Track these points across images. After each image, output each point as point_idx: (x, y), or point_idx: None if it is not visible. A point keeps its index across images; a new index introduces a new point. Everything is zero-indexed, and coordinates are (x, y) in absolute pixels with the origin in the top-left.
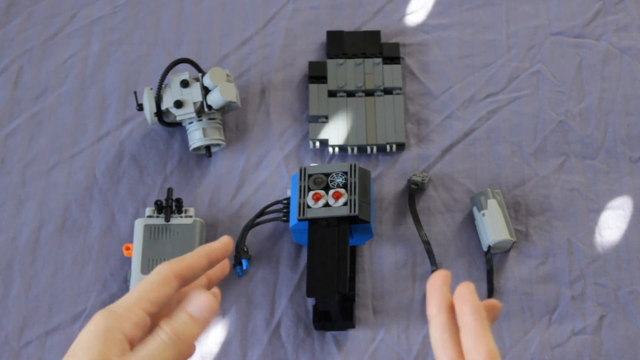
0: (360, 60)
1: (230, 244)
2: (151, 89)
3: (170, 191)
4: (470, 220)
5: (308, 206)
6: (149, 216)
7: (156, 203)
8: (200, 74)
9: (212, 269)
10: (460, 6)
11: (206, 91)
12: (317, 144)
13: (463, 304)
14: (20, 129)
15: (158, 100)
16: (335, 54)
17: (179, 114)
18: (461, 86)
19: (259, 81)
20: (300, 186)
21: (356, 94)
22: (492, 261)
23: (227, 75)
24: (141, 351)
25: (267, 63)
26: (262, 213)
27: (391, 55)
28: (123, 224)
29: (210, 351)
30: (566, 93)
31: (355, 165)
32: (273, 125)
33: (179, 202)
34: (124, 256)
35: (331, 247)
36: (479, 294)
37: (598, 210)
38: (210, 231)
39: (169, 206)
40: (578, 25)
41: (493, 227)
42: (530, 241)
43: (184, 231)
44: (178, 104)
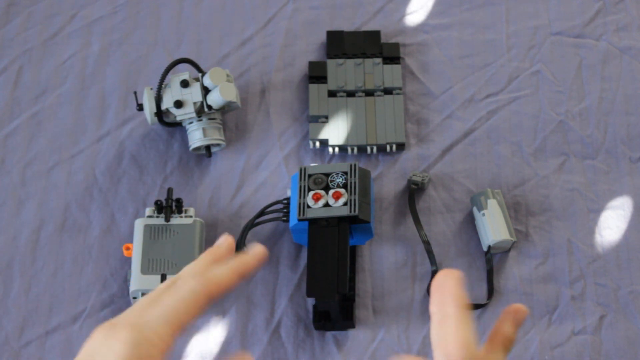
0: (360, 60)
1: (264, 254)
2: (151, 89)
3: (170, 191)
4: (470, 220)
5: (308, 206)
6: (149, 216)
7: (156, 203)
8: (200, 74)
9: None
10: (460, 6)
11: (206, 91)
12: (317, 144)
13: (444, 294)
14: (20, 129)
15: (158, 100)
16: (335, 54)
17: (179, 114)
18: (461, 86)
19: (259, 81)
20: (300, 186)
21: (356, 94)
22: (492, 261)
23: (227, 75)
24: None
25: (267, 63)
26: (262, 213)
27: (391, 55)
28: (123, 224)
29: (210, 351)
30: (566, 93)
31: (355, 165)
32: (273, 125)
33: (179, 202)
34: (124, 256)
35: (331, 247)
36: (479, 294)
37: (598, 210)
38: (210, 231)
39: (169, 206)
40: (578, 25)
41: (493, 227)
42: (530, 241)
43: (184, 231)
44: (178, 104)
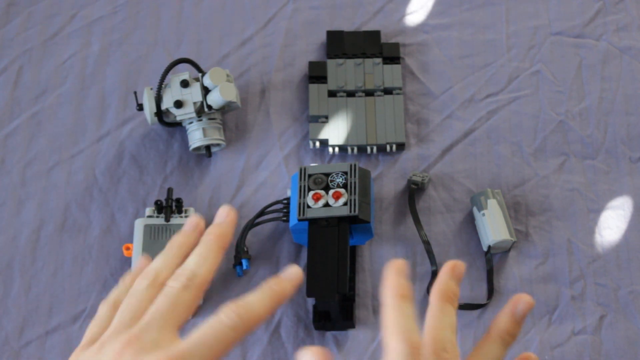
0: (360, 60)
1: (300, 276)
2: (151, 89)
3: (170, 191)
4: (470, 220)
5: (308, 206)
6: (149, 216)
7: (156, 203)
8: (200, 74)
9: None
10: (460, 6)
11: (206, 91)
12: (317, 144)
13: (385, 284)
14: (20, 129)
15: (158, 100)
16: (335, 54)
17: (179, 114)
18: (461, 86)
19: (259, 81)
20: (300, 186)
21: (356, 94)
22: (492, 261)
23: (227, 75)
24: None
25: (267, 63)
26: (262, 213)
27: (391, 55)
28: (123, 224)
29: None
30: (566, 93)
31: (355, 165)
32: (273, 125)
33: (179, 202)
34: (124, 256)
35: (331, 247)
36: (479, 294)
37: (598, 210)
38: None
39: (169, 206)
40: (578, 25)
41: (493, 227)
42: (530, 241)
43: None
44: (178, 104)
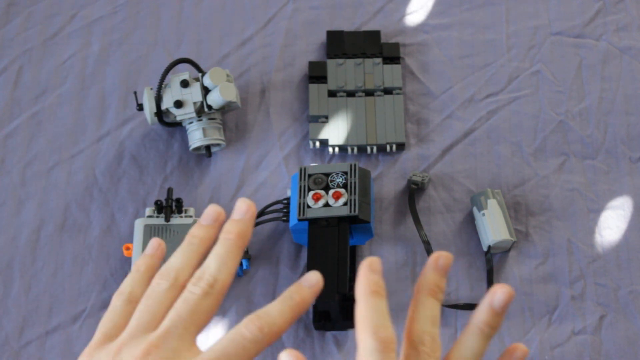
0: (360, 60)
1: (321, 283)
2: (151, 89)
3: (170, 191)
4: (470, 220)
5: (308, 206)
6: (149, 216)
7: (156, 203)
8: (200, 74)
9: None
10: (460, 6)
11: (206, 91)
12: (317, 144)
13: (357, 281)
14: (20, 129)
15: (158, 100)
16: (335, 54)
17: (179, 114)
18: (461, 86)
19: (259, 81)
20: (300, 186)
21: (356, 94)
22: (492, 261)
23: (227, 75)
24: None
25: (267, 63)
26: (262, 213)
27: (391, 55)
28: (123, 224)
29: None
30: (566, 93)
31: (355, 165)
32: (273, 125)
33: (179, 202)
34: (124, 256)
35: (331, 247)
36: (479, 294)
37: (598, 210)
38: None
39: (169, 206)
40: (578, 25)
41: (493, 227)
42: (530, 241)
43: (184, 231)
44: (178, 104)
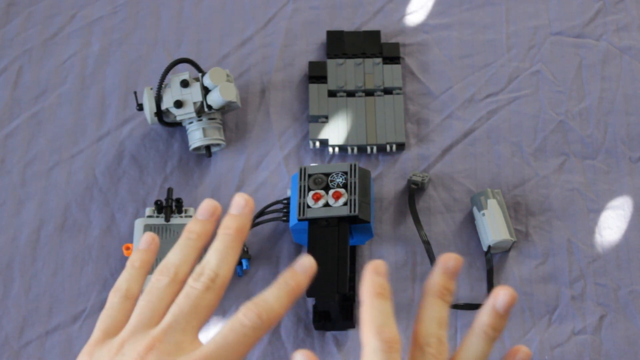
0: (360, 60)
1: (314, 267)
2: (151, 89)
3: (170, 191)
4: (470, 220)
5: (308, 206)
6: (149, 216)
7: (156, 203)
8: (200, 74)
9: None
10: (460, 6)
11: (206, 91)
12: (317, 144)
13: (362, 283)
14: (20, 129)
15: (158, 100)
16: (335, 54)
17: (179, 114)
18: (461, 86)
19: (259, 81)
20: (300, 186)
21: (356, 94)
22: (492, 261)
23: (227, 75)
24: None
25: (267, 63)
26: (262, 213)
27: (391, 55)
28: (123, 224)
29: None
30: (566, 93)
31: (355, 165)
32: (273, 125)
33: (179, 202)
34: (124, 256)
35: (331, 247)
36: (479, 294)
37: (598, 210)
38: None
39: (169, 206)
40: (578, 25)
41: (493, 227)
42: (530, 241)
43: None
44: (178, 104)
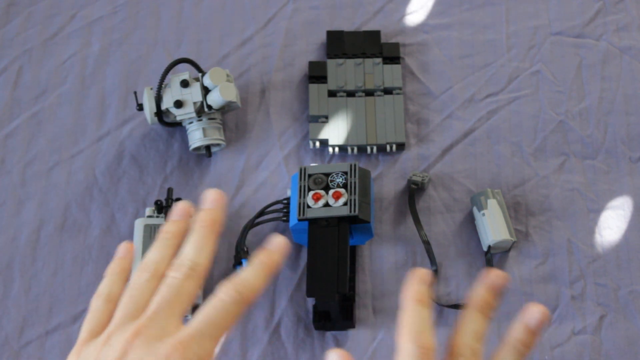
0: (360, 60)
1: (286, 245)
2: (151, 89)
3: (170, 191)
4: (470, 220)
5: (308, 206)
6: (149, 216)
7: (156, 203)
8: (200, 74)
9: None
10: (460, 6)
11: (206, 91)
12: (317, 144)
13: (405, 289)
14: (20, 129)
15: (158, 100)
16: (335, 54)
17: (179, 114)
18: (461, 86)
19: (259, 81)
20: (300, 186)
21: (356, 94)
22: (492, 261)
23: (227, 75)
24: None
25: (267, 63)
26: (262, 213)
27: (391, 55)
28: (123, 224)
29: None
30: (566, 93)
31: (355, 165)
32: (273, 125)
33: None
34: None
35: (331, 247)
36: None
37: (598, 210)
38: None
39: (169, 206)
40: (578, 25)
41: (493, 227)
42: (530, 241)
43: None
44: (178, 104)
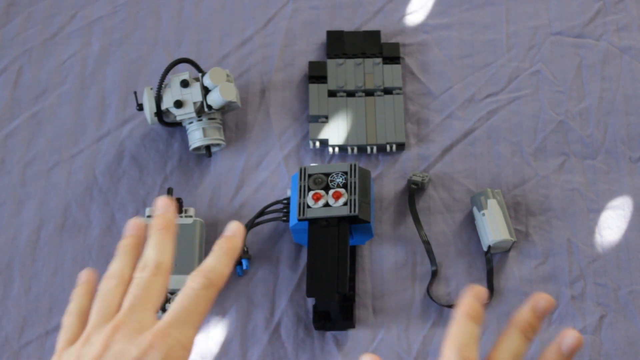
0: (360, 60)
1: (242, 228)
2: (151, 89)
3: (170, 191)
4: (470, 220)
5: (308, 206)
6: (149, 216)
7: None
8: (200, 74)
9: None
10: (460, 6)
11: (206, 91)
12: (317, 144)
13: (459, 302)
14: (20, 129)
15: (158, 100)
16: (335, 54)
17: (179, 114)
18: (461, 86)
19: (259, 81)
20: (300, 186)
21: (356, 94)
22: (492, 261)
23: (227, 75)
24: None
25: (267, 63)
26: (262, 213)
27: (391, 55)
28: (123, 224)
29: (210, 351)
30: (566, 93)
31: (355, 165)
32: (273, 125)
33: (179, 202)
34: None
35: (331, 247)
36: None
37: (598, 210)
38: (210, 231)
39: None
40: (578, 25)
41: (493, 227)
42: (530, 241)
43: (184, 231)
44: (178, 104)
